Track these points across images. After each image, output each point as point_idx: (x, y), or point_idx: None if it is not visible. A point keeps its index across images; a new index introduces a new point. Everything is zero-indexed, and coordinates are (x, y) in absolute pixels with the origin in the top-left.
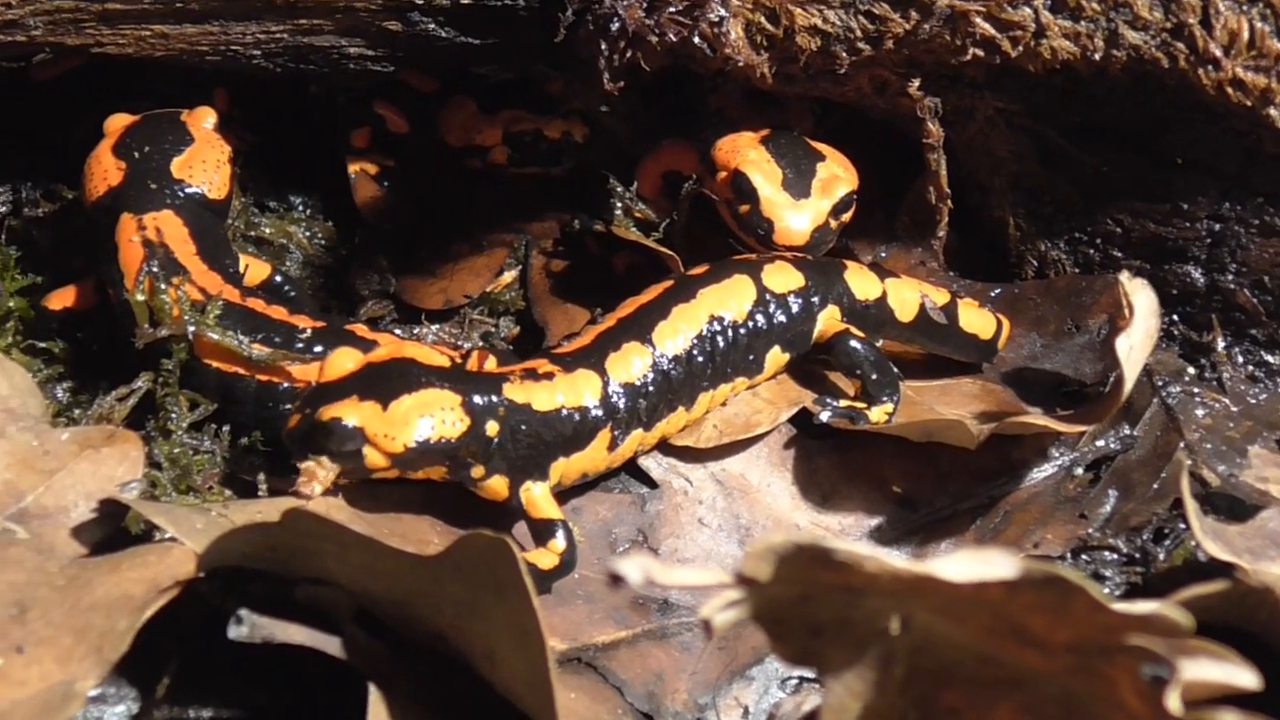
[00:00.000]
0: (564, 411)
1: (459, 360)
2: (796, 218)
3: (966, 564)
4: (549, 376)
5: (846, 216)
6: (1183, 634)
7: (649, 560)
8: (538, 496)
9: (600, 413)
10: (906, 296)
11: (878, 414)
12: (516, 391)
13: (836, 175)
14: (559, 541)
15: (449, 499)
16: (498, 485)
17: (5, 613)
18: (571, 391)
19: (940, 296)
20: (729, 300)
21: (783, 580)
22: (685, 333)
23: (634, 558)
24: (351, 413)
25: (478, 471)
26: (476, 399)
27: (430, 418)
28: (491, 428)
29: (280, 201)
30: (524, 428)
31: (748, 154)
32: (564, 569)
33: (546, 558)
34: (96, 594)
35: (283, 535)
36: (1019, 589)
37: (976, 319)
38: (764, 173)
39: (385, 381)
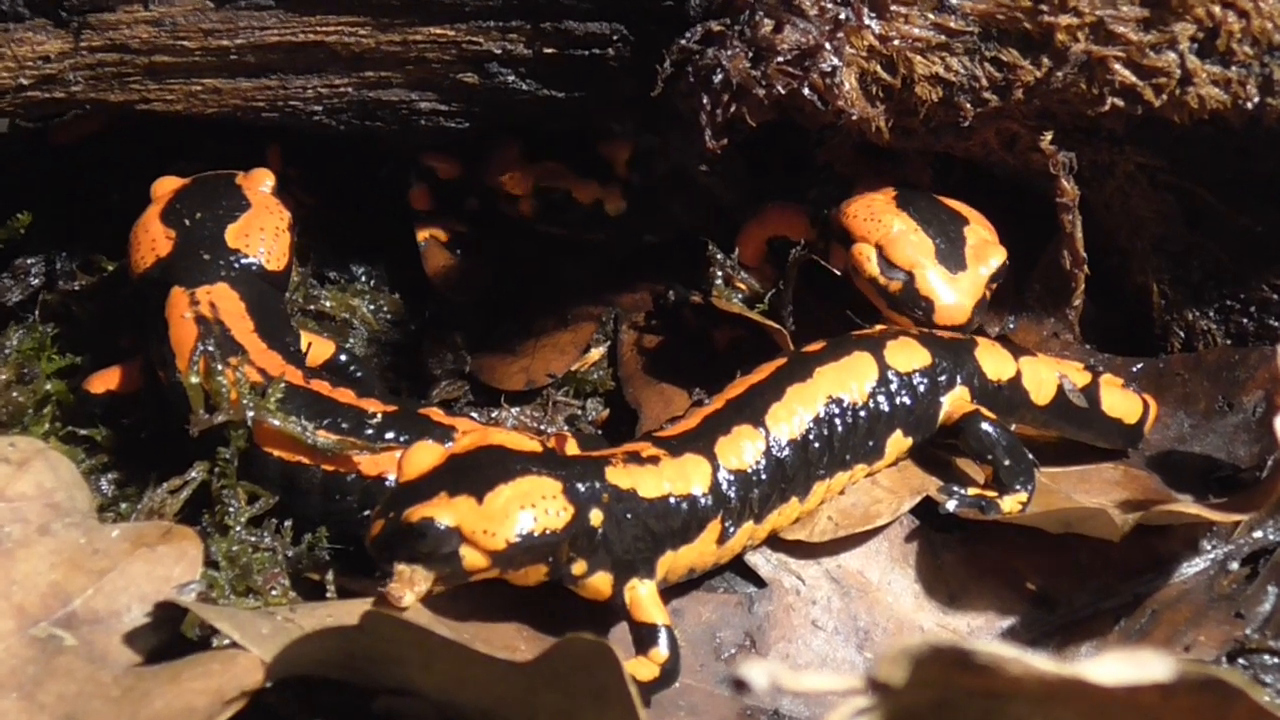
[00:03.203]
0: (671, 500)
1: (550, 445)
2: (958, 294)
3: (1118, 666)
4: (654, 461)
5: (995, 285)
6: None
7: (775, 665)
8: (643, 596)
9: (710, 502)
10: (1043, 377)
11: (1010, 503)
12: (620, 477)
13: (985, 239)
14: (661, 649)
15: (536, 602)
16: (600, 583)
17: None
18: (679, 478)
19: (1081, 378)
20: (849, 380)
21: (918, 685)
22: (801, 415)
23: (759, 662)
24: (444, 511)
25: (579, 568)
26: (579, 486)
27: (531, 509)
28: (596, 517)
29: (342, 272)
30: (629, 517)
31: (891, 224)
32: (665, 680)
33: (646, 667)
34: (155, 706)
35: (361, 641)
36: (1174, 693)
37: (1121, 401)
38: (914, 245)
39: (476, 472)
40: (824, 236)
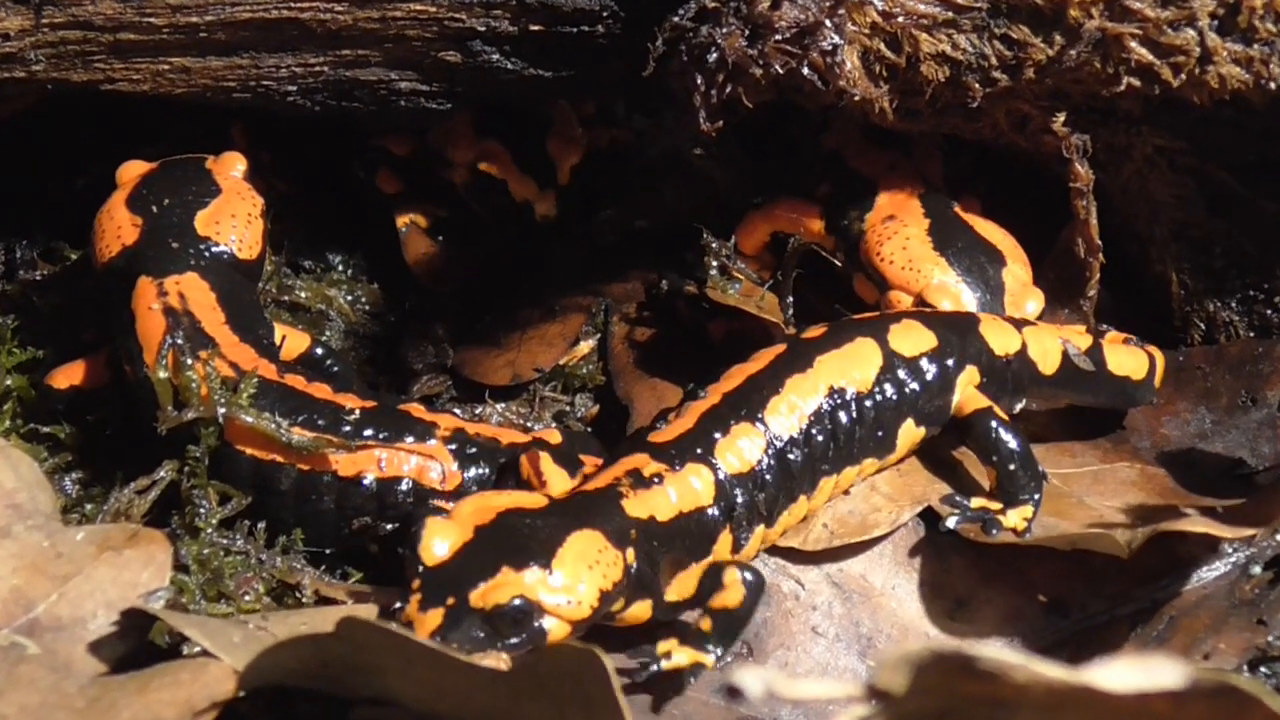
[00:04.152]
0: (682, 517)
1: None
2: None
3: (1128, 673)
4: (658, 479)
5: None
6: None
7: (771, 672)
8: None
9: (716, 513)
10: (1048, 346)
11: (1015, 518)
12: (638, 507)
13: (1022, 282)
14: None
15: None
16: (640, 611)
17: None
18: (684, 492)
19: (1082, 340)
20: (851, 368)
21: (920, 692)
22: (801, 409)
23: (755, 669)
24: (519, 588)
25: (618, 605)
26: (609, 527)
27: (596, 567)
28: (630, 555)
29: (317, 261)
30: (655, 544)
31: (931, 274)
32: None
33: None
34: (122, 717)
35: (337, 649)
36: (1187, 701)
37: (1126, 358)
38: (954, 299)
39: (520, 540)
40: (843, 250)
